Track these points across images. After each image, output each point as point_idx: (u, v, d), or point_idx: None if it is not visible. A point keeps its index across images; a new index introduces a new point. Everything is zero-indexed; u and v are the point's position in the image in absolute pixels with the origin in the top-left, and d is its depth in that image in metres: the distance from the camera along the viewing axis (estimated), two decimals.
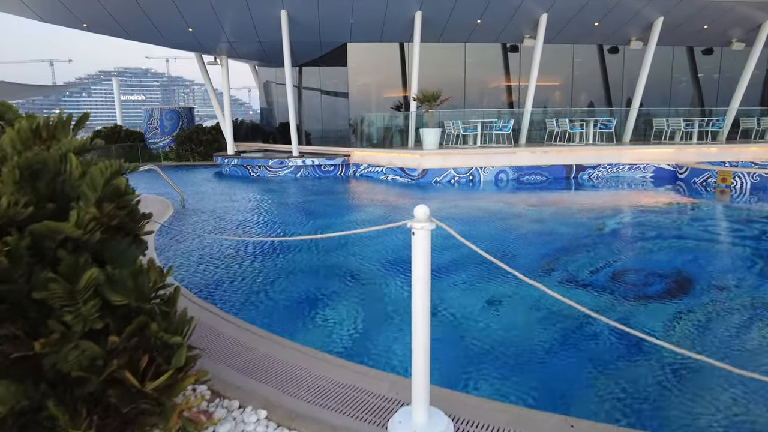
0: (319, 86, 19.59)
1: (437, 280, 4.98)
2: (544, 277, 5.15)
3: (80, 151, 3.08)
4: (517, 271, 2.48)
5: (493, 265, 2.48)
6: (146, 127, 23.07)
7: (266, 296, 4.65)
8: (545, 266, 5.52)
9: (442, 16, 14.42)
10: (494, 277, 5.11)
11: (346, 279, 5.13)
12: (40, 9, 13.18)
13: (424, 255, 2.16)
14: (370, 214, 8.66)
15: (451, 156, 13.13)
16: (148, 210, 8.47)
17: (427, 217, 2.15)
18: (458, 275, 5.19)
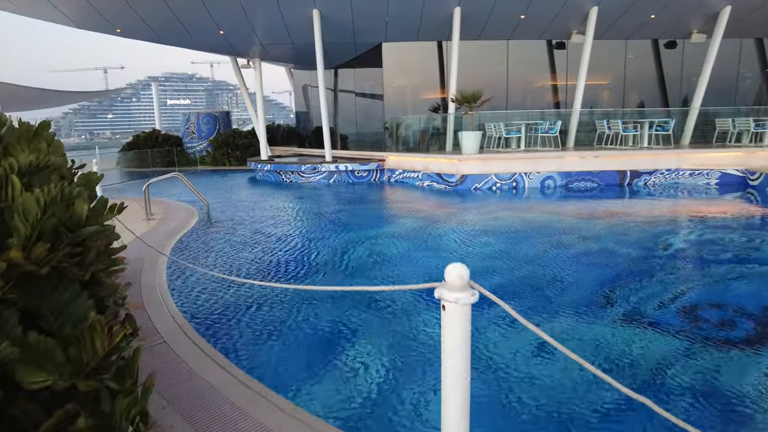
0: (354, 88, 19.04)
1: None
2: (601, 311, 4.31)
3: (33, 170, 2.53)
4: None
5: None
6: (184, 132, 23.17)
7: (277, 332, 4.04)
8: (602, 297, 4.67)
9: (482, 12, 13.57)
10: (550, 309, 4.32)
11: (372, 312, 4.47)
12: (75, 16, 13.18)
13: (461, 340, 1.44)
14: (402, 227, 7.96)
15: (493, 161, 12.27)
16: (171, 219, 7.93)
17: (463, 284, 1.41)
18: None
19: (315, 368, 3.40)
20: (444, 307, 1.38)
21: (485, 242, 6.72)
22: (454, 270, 1.36)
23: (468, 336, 1.39)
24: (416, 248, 6.47)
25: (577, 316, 4.20)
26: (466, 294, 1.36)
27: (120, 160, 21.75)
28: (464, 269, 1.36)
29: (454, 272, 1.36)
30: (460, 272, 1.35)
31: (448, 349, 1.40)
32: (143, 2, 12.35)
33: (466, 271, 1.36)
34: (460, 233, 7.35)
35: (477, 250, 6.29)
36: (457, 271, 1.35)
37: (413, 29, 14.76)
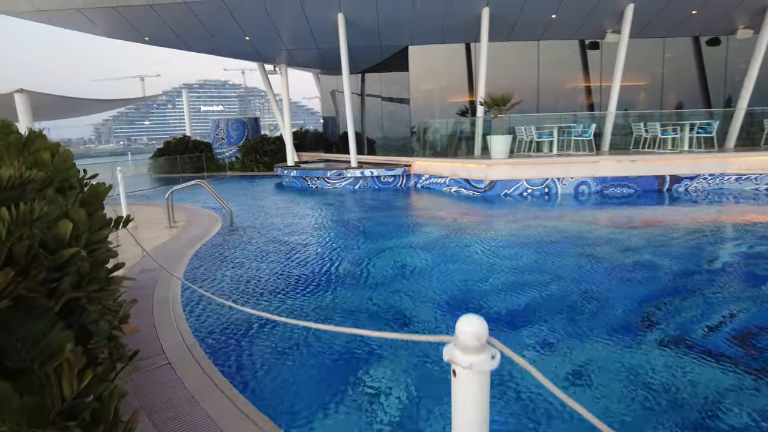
0: (380, 93, 18.81)
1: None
2: (640, 335, 3.90)
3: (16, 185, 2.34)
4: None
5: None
6: (213, 138, 23.42)
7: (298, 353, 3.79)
8: (643, 318, 4.25)
9: (512, 12, 13.15)
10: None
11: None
12: (104, 26, 13.40)
13: (476, 415, 1.12)
14: (427, 236, 7.64)
15: (523, 165, 11.81)
16: (194, 226, 7.75)
17: (481, 344, 1.09)
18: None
19: (330, 402, 3.13)
20: (455, 373, 1.08)
21: (514, 254, 6.34)
22: (468, 326, 1.05)
23: (486, 409, 1.08)
24: (441, 260, 6.14)
25: (613, 340, 3.81)
26: (483, 357, 1.05)
27: (151, 166, 22.11)
28: (482, 325, 1.06)
29: (468, 329, 1.05)
30: (477, 330, 1.04)
31: (460, 426, 1.10)
32: (170, 10, 12.43)
33: (483, 328, 1.05)
34: (488, 243, 6.98)
35: (505, 263, 5.92)
36: (473, 327, 1.04)
37: (440, 32, 14.45)
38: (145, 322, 4.20)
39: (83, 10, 12.44)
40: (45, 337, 1.93)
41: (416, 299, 4.79)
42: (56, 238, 2.28)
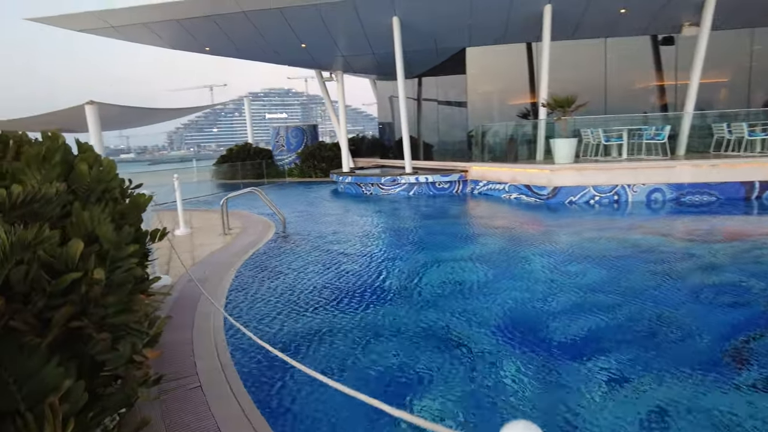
0: (437, 96, 18.40)
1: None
2: (730, 373, 3.31)
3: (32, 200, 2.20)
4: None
5: None
6: (274, 145, 23.90)
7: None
8: (732, 352, 3.63)
9: (576, 8, 12.39)
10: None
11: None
12: (168, 38, 13.91)
13: None
14: (484, 248, 7.18)
15: (590, 171, 11.03)
16: (247, 234, 7.70)
17: None
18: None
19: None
20: None
21: (581, 270, 5.77)
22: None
23: None
24: (498, 276, 5.69)
25: (696, 378, 3.25)
26: None
27: (214, 172, 22.88)
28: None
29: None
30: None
31: None
32: (228, 20, 12.70)
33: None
34: (552, 257, 6.43)
35: (570, 281, 5.38)
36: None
37: (499, 32, 13.89)
38: (182, 338, 4.08)
39: (149, 24, 12.96)
40: (39, 373, 1.75)
41: (471, 320, 4.39)
42: (66, 260, 2.11)
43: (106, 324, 2.17)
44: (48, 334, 1.77)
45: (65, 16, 13.39)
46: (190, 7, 12.20)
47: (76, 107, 10.30)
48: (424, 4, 12.08)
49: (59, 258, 2.02)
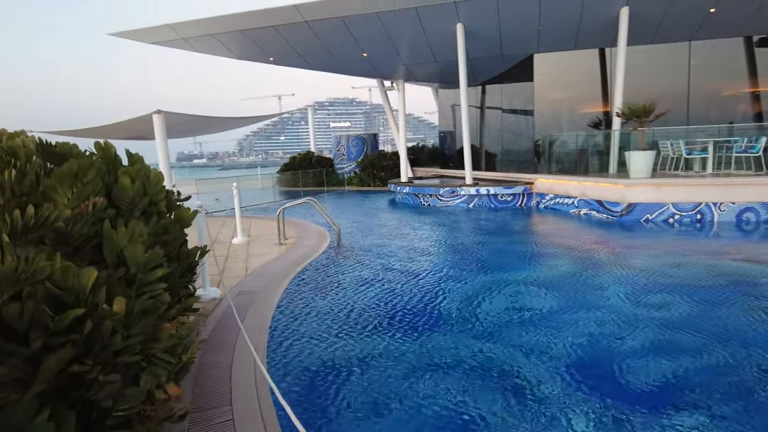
0: (501, 105, 17.73)
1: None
2: None
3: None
4: None
5: None
6: (335, 153, 24.05)
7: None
8: None
9: (657, 10, 11.45)
10: None
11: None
12: (236, 49, 14.26)
13: None
14: (551, 270, 6.59)
15: (670, 187, 10.06)
16: (302, 245, 7.48)
17: None
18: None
19: None
20: None
21: (662, 302, 5.08)
22: None
23: None
24: (566, 304, 5.12)
25: None
26: None
27: (277, 179, 23.32)
28: None
29: None
30: None
31: None
32: (293, 32, 12.80)
33: None
34: (628, 285, 5.76)
35: (649, 315, 4.73)
36: None
37: (570, 37, 13.11)
38: (222, 360, 3.86)
39: (217, 36, 13.31)
40: (24, 430, 1.51)
41: (535, 356, 3.90)
42: (77, 291, 1.90)
43: (118, 363, 1.94)
44: (34, 383, 1.54)
45: (142, 29, 14.04)
46: (254, 18, 12.40)
47: (145, 116, 10.66)
48: (489, 10, 11.59)
49: (69, 289, 1.81)
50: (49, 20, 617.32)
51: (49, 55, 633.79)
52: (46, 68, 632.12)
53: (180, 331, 3.12)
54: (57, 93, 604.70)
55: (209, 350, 4.08)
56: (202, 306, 5.18)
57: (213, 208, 13.95)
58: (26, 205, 2.34)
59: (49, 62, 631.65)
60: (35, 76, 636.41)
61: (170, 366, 2.64)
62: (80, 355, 1.74)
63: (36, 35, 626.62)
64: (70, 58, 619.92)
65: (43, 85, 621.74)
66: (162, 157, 10.63)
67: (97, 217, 3.06)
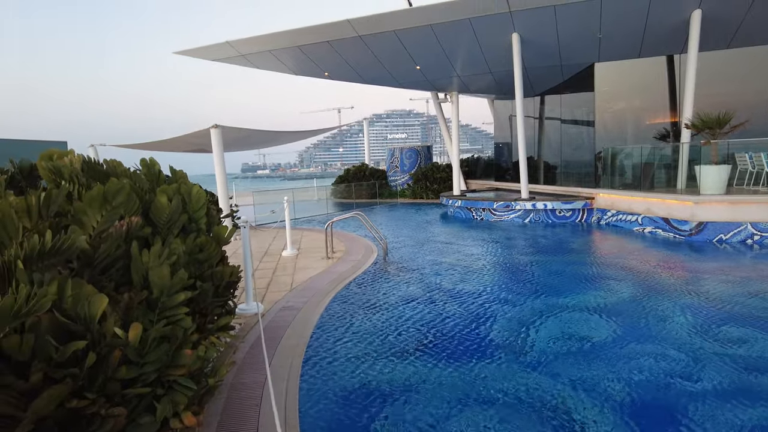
0: (560, 116, 17.06)
1: None
2: None
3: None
4: None
5: None
6: (388, 165, 24.09)
7: None
8: None
9: (735, 12, 10.62)
10: None
11: None
12: (293, 65, 14.58)
13: None
14: (612, 295, 6.12)
15: (747, 204, 9.20)
16: (348, 260, 7.41)
17: None
18: None
19: None
20: None
21: (739, 336, 4.55)
22: None
23: None
24: (627, 335, 4.70)
25: None
26: None
27: (333, 191, 23.62)
28: None
29: None
30: None
31: None
32: (347, 47, 12.93)
33: None
34: (698, 314, 5.23)
35: (725, 351, 4.23)
36: None
37: (634, 44, 12.42)
38: (254, 381, 3.79)
39: (273, 52, 13.66)
40: None
41: (590, 395, 3.55)
42: (86, 320, 1.85)
43: (127, 394, 1.87)
44: (23, 421, 1.48)
45: (204, 47, 14.67)
46: (309, 34, 12.63)
47: (204, 130, 11.04)
48: (547, 18, 11.18)
49: (77, 318, 1.76)
50: (118, 41, 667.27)
51: (116, 74, 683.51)
52: (115, 85, 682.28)
53: (209, 353, 3.06)
54: (126, 109, 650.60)
55: (245, 369, 4.03)
56: (243, 321, 5.18)
57: (267, 220, 14.24)
58: (55, 228, 2.36)
59: (116, 81, 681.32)
60: (104, 93, 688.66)
61: (191, 392, 2.58)
62: (82, 388, 1.67)
63: (104, 54, 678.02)
64: (137, 76, 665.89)
65: (112, 102, 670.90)
66: (219, 169, 10.94)
67: (135, 236, 3.08)
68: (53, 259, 1.96)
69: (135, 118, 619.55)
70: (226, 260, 4.24)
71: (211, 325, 3.40)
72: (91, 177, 3.66)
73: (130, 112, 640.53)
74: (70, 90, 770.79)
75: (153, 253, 2.61)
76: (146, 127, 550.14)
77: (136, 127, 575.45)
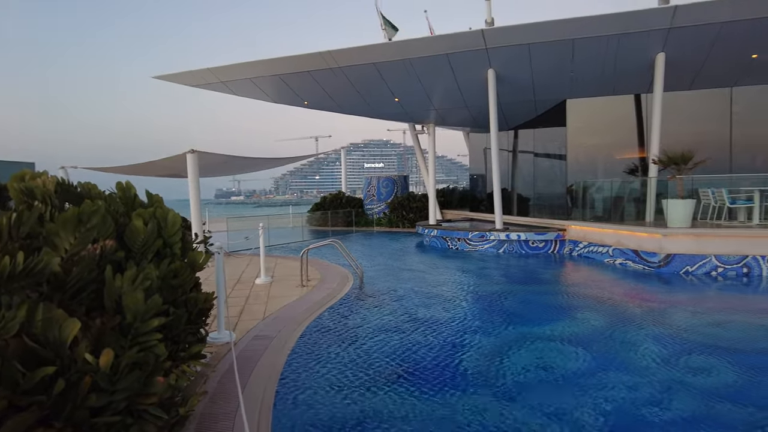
0: (533, 149, 17.54)
1: None
2: None
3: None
4: None
5: None
6: (365, 194, 24.17)
7: None
8: None
9: (696, 56, 11.22)
10: None
11: None
12: (272, 93, 14.70)
13: None
14: (584, 326, 6.21)
15: (712, 237, 9.54)
16: (323, 288, 7.30)
17: None
18: None
19: None
20: None
21: (705, 366, 4.66)
22: None
23: None
24: (598, 364, 4.76)
25: None
26: None
27: (308, 218, 23.50)
28: None
29: None
30: None
31: None
32: (326, 77, 13.12)
33: None
34: (665, 344, 5.35)
35: (693, 381, 4.33)
36: None
37: (604, 83, 12.97)
38: (226, 411, 3.68)
39: (254, 80, 13.77)
40: None
41: (560, 423, 3.57)
42: (56, 345, 1.80)
43: (96, 423, 1.81)
44: None
45: (183, 73, 14.68)
46: (289, 63, 12.80)
47: (180, 155, 10.96)
48: (521, 56, 11.62)
49: (47, 343, 1.71)
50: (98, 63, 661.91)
51: (88, 95, 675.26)
52: (95, 108, 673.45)
53: (180, 381, 2.98)
54: (104, 132, 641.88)
55: (217, 399, 3.92)
56: (214, 350, 5.06)
57: (241, 247, 14.05)
58: (26, 249, 2.30)
59: (96, 103, 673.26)
60: (74, 115, 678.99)
61: (161, 421, 2.50)
62: (48, 416, 1.62)
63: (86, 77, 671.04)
64: (115, 99, 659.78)
65: (91, 125, 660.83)
66: (193, 194, 10.83)
67: (108, 259, 3.02)
68: (23, 281, 1.91)
69: (105, 142, 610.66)
70: (199, 287, 4.17)
71: (183, 353, 3.33)
72: (65, 199, 3.60)
73: (100, 136, 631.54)
74: (38, 110, 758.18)
75: (127, 277, 2.56)
76: (117, 150, 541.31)
77: (107, 151, 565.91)
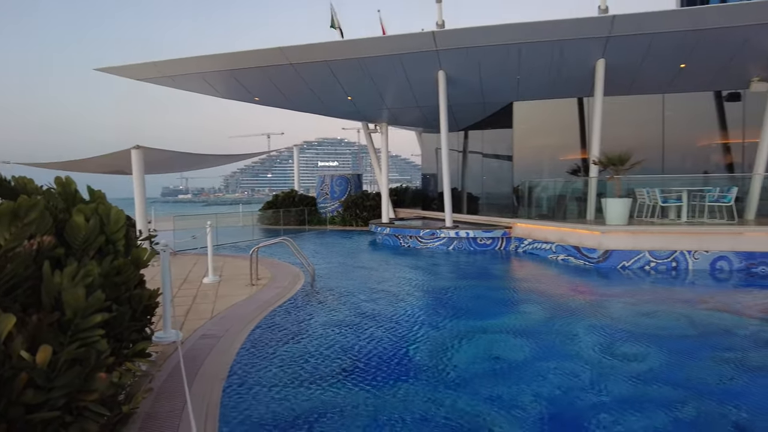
0: (482, 150, 18.04)
1: None
2: None
3: None
4: None
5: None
6: (318, 192, 24.07)
7: None
8: None
9: (632, 63, 11.87)
10: None
11: None
12: (221, 88, 14.38)
13: None
14: (526, 318, 6.50)
15: (646, 234, 10.16)
16: (273, 287, 7.25)
17: None
18: None
19: None
20: None
21: (636, 353, 5.00)
22: None
23: None
24: (540, 353, 5.01)
25: None
26: None
27: (260, 217, 23.14)
28: None
29: None
30: None
31: None
32: (278, 73, 12.99)
33: None
34: (602, 333, 5.68)
35: (624, 367, 4.63)
36: None
37: (549, 86, 13.50)
38: (172, 409, 3.63)
39: (202, 74, 13.45)
40: None
41: (506, 409, 3.74)
42: None
43: (32, 420, 1.78)
44: None
45: (128, 66, 14.12)
46: (240, 59, 12.58)
47: (124, 151, 10.57)
48: (470, 58, 11.93)
49: None
50: (40, 56, 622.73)
51: (36, 89, 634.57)
52: (36, 102, 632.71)
53: (124, 379, 2.93)
54: (43, 126, 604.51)
55: (162, 398, 3.86)
56: (160, 350, 4.96)
57: (188, 246, 13.69)
58: None
59: (37, 96, 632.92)
60: (27, 109, 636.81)
61: (103, 419, 2.47)
62: None
63: (28, 71, 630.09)
64: (57, 92, 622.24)
65: (31, 119, 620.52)
66: (138, 193, 10.47)
67: (46, 256, 2.92)
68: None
69: (54, 136, 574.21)
70: (144, 284, 4.08)
71: (127, 351, 3.26)
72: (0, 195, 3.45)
73: (48, 130, 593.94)
74: None
75: (67, 273, 2.51)
76: (65, 146, 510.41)
77: (53, 146, 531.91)
